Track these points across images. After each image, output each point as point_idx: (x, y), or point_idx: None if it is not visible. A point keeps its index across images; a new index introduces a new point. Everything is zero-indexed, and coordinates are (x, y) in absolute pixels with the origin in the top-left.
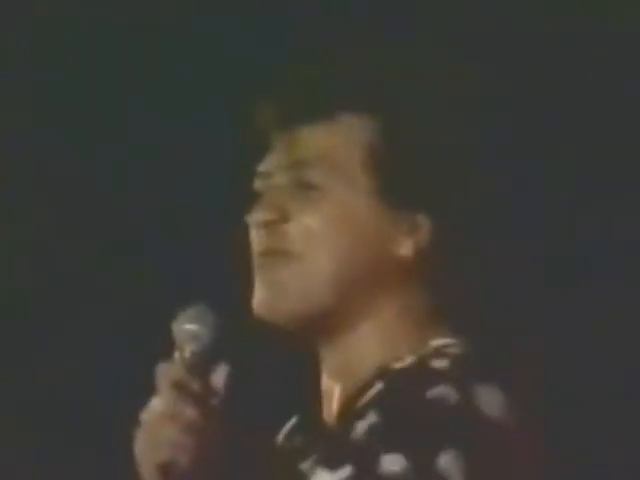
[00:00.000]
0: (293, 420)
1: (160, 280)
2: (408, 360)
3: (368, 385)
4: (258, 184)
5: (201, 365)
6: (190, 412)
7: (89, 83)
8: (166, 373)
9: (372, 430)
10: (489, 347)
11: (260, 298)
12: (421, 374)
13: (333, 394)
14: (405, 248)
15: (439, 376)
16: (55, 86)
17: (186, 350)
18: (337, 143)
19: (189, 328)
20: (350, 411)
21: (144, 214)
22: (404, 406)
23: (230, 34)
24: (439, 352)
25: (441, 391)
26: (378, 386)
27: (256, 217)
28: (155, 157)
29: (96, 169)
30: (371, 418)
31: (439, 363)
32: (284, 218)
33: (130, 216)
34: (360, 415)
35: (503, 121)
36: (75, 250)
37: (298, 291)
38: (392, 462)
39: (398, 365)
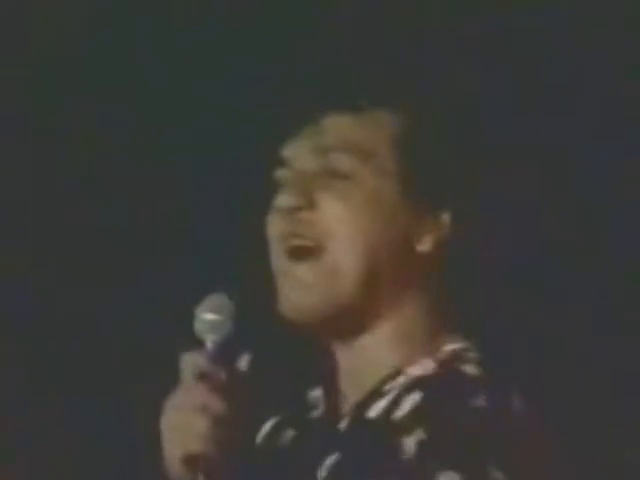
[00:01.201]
0: (275, 419)
1: (179, 271)
2: (429, 365)
3: (381, 388)
4: (281, 171)
5: (224, 355)
6: (219, 405)
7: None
8: (191, 363)
9: (422, 448)
10: (503, 352)
11: (287, 299)
12: (459, 384)
13: (346, 393)
14: (426, 244)
15: (478, 386)
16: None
17: (208, 340)
18: (366, 133)
19: (208, 318)
20: (365, 413)
21: (163, 211)
22: (451, 421)
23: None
24: (462, 357)
25: (485, 404)
26: (414, 396)
27: (282, 202)
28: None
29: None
30: (418, 435)
31: (470, 370)
32: (310, 205)
33: (146, 212)
34: (404, 429)
35: (527, 120)
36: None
37: (324, 291)
38: None
39: (417, 370)
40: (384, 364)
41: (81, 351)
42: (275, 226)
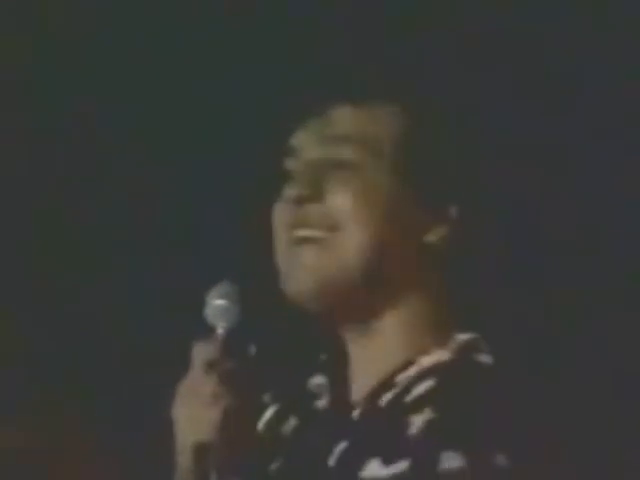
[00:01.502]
0: (275, 407)
1: (189, 260)
2: (443, 355)
3: (393, 378)
4: (288, 161)
5: (234, 342)
6: (230, 394)
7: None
8: (201, 351)
9: (429, 426)
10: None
11: (293, 283)
12: (473, 371)
13: (356, 383)
14: (432, 236)
15: (491, 375)
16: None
17: (218, 327)
18: (373, 125)
19: (218, 303)
20: (377, 402)
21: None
22: (461, 405)
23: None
24: (477, 347)
25: (497, 392)
26: (428, 382)
27: (290, 193)
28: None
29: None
30: (427, 414)
31: (485, 359)
32: (318, 196)
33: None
34: (414, 409)
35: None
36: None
37: (329, 277)
38: (450, 459)
39: (431, 360)
40: (395, 354)
41: (87, 347)
42: (282, 216)
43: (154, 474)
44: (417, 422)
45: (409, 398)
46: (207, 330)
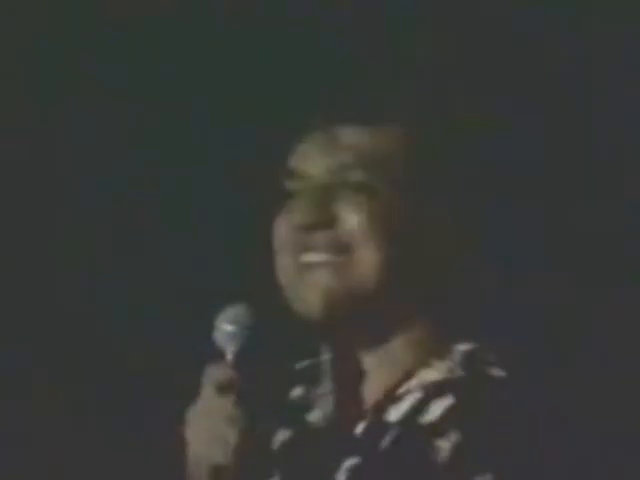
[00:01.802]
0: (276, 417)
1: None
2: (444, 366)
3: (394, 391)
4: (294, 183)
5: (243, 365)
6: (244, 415)
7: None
8: (213, 375)
9: (458, 450)
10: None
11: (303, 304)
12: (489, 386)
13: (356, 396)
14: (441, 251)
15: (506, 388)
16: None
17: (227, 351)
18: (382, 146)
19: (227, 329)
20: (383, 417)
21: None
22: (484, 425)
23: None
24: (483, 359)
25: (516, 405)
26: (446, 400)
27: (298, 219)
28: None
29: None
30: (453, 437)
31: (496, 372)
32: (327, 220)
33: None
34: (438, 432)
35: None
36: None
37: (342, 299)
38: None
39: (432, 373)
40: (397, 367)
41: (100, 367)
42: (287, 238)
43: None
44: (444, 447)
45: (427, 418)
46: (215, 348)
